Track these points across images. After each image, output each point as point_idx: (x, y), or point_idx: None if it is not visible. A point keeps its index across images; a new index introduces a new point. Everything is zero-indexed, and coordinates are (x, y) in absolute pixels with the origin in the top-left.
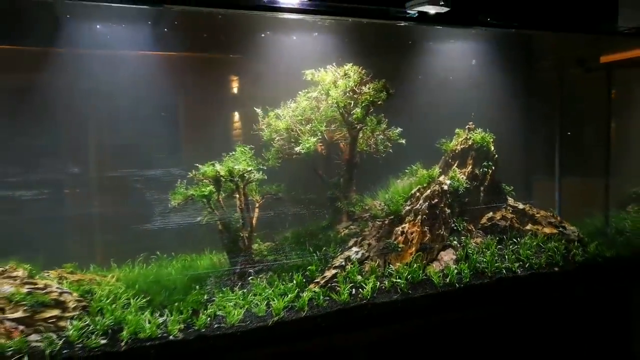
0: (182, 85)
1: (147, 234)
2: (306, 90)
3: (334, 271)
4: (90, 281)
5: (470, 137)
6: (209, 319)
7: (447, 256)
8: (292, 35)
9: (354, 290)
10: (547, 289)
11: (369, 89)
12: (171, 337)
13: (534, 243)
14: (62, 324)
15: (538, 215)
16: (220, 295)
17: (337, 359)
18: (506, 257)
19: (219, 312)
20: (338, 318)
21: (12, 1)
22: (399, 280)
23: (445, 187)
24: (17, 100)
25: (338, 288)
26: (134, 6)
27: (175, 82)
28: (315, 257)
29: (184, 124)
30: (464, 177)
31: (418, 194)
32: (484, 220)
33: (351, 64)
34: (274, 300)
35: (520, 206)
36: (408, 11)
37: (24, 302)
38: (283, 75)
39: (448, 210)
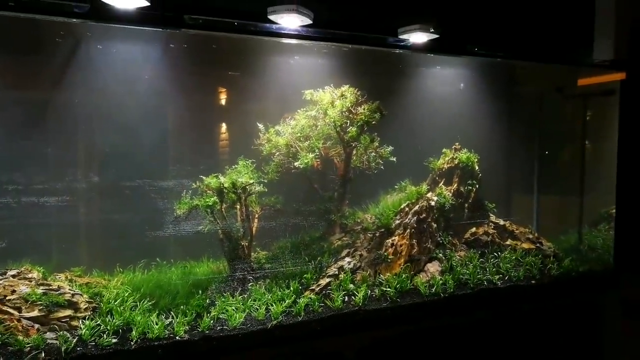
0: (196, 102)
1: (148, 241)
2: (305, 109)
3: (328, 279)
4: (97, 284)
5: (456, 157)
6: (212, 321)
7: (433, 268)
8: (293, 57)
9: (346, 297)
10: (525, 299)
11: (363, 109)
12: (177, 337)
13: (513, 257)
14: (74, 323)
15: (517, 231)
16: (222, 300)
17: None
18: (487, 269)
19: (221, 315)
20: (332, 323)
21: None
22: (388, 289)
23: (433, 203)
24: (38, 111)
25: (332, 295)
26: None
27: (189, 99)
28: (311, 266)
29: (190, 137)
30: (450, 194)
31: (407, 208)
32: (467, 235)
33: (347, 86)
34: (272, 305)
35: (501, 222)
36: (400, 37)
37: (40, 302)
38: (284, 94)
39: (434, 225)
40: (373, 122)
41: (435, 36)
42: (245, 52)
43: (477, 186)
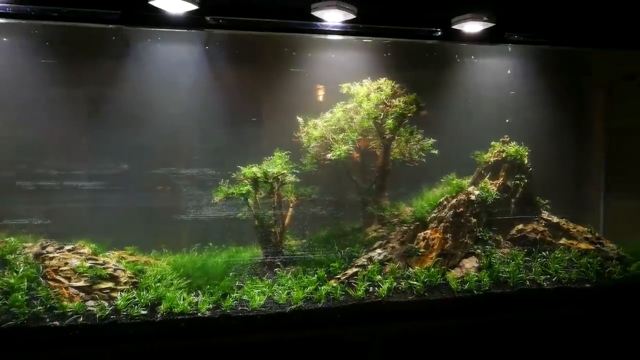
0: (240, 97)
1: (202, 226)
2: (343, 102)
3: (355, 269)
4: (144, 263)
5: (504, 150)
6: (234, 302)
7: (470, 264)
8: (336, 52)
9: (370, 288)
10: (574, 304)
11: (399, 101)
12: (199, 314)
13: (566, 257)
14: (114, 294)
15: (574, 230)
16: (249, 282)
17: (347, 349)
18: (533, 269)
19: (244, 297)
20: (351, 312)
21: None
22: (415, 283)
23: (473, 197)
24: (99, 106)
25: (355, 285)
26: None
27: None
28: (340, 256)
29: (237, 128)
30: (495, 189)
31: (445, 202)
32: (513, 232)
33: (384, 79)
34: (294, 291)
35: (555, 220)
36: (453, 27)
37: (86, 274)
38: (325, 87)
39: (474, 220)
40: (409, 114)
41: (491, 25)
42: (289, 48)
43: (525, 181)
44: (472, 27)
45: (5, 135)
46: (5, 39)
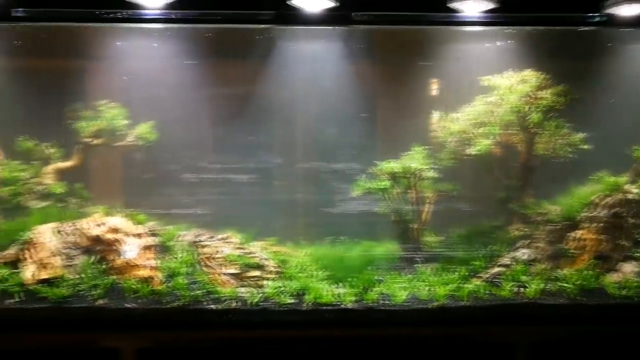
0: (375, 92)
1: (335, 220)
2: (484, 96)
3: (498, 269)
4: (285, 253)
5: None
6: (377, 295)
7: (629, 268)
8: (475, 43)
9: (516, 288)
10: None
11: (546, 94)
12: (343, 305)
13: None
14: (260, 283)
15: None
16: (389, 277)
17: (490, 349)
18: None
19: (386, 291)
20: (498, 312)
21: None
22: (567, 285)
23: (631, 196)
24: (243, 105)
25: (501, 285)
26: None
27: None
28: (482, 254)
29: (373, 125)
30: None
31: (598, 200)
32: None
33: (529, 70)
34: (437, 288)
35: None
36: (606, 11)
37: (236, 262)
38: (463, 81)
39: (632, 220)
40: (557, 107)
41: None
42: (423, 42)
43: None
44: (628, 9)
45: (172, 132)
46: (169, 43)
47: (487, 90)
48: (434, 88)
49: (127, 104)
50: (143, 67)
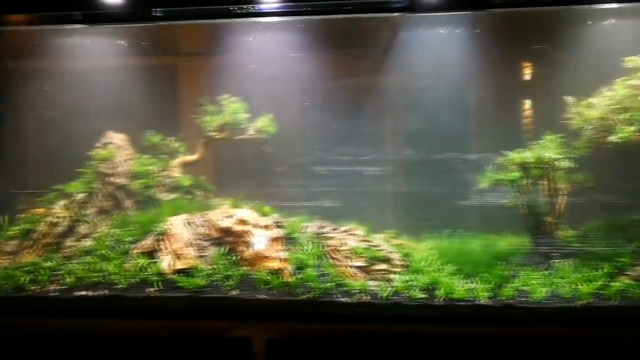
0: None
1: (453, 212)
2: (625, 78)
3: None
4: (407, 247)
5: None
6: (514, 292)
7: None
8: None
9: None
10: None
11: None
12: (478, 301)
13: None
14: (388, 276)
15: None
16: (523, 273)
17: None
18: None
19: (522, 287)
20: None
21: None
22: None
23: None
24: (362, 97)
25: None
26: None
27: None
28: (628, 249)
29: (497, 115)
30: None
31: None
32: None
33: None
34: (581, 285)
35: None
36: None
37: (363, 255)
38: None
39: None
40: None
41: None
42: (551, 24)
43: None
44: None
45: (302, 125)
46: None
47: (629, 72)
48: (569, 72)
49: (246, 98)
50: (266, 60)
